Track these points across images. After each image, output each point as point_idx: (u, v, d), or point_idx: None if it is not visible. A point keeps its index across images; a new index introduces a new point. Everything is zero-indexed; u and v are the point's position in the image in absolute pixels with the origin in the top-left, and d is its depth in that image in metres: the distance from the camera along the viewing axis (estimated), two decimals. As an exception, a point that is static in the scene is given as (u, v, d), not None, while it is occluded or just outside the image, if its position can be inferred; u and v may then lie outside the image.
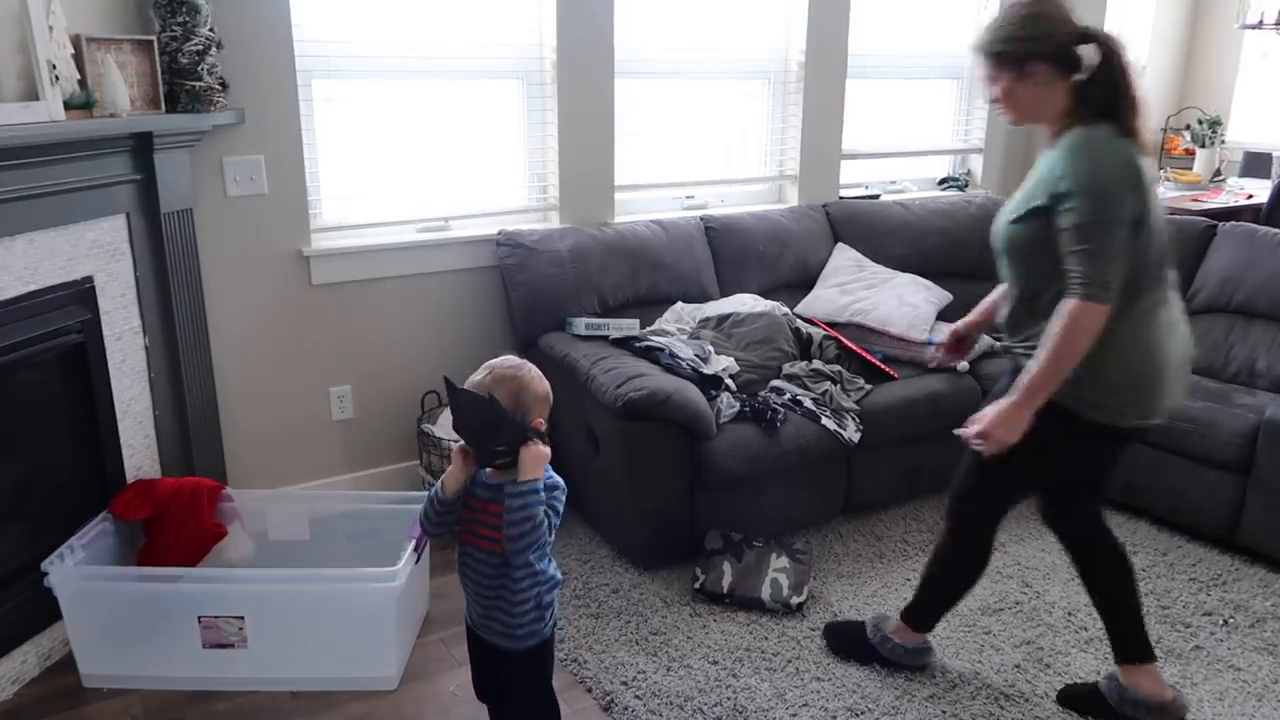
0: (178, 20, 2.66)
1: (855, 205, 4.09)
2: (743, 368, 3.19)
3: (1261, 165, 6.12)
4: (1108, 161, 1.91)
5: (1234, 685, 2.46)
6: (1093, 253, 1.88)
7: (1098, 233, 1.88)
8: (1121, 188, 1.90)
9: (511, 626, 1.83)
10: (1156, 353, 2.01)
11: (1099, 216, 1.88)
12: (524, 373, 1.80)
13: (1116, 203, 1.89)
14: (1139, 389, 2.01)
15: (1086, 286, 1.89)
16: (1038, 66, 1.97)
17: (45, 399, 2.56)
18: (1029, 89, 2.00)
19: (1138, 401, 2.03)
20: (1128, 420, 2.04)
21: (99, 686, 2.44)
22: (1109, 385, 1.99)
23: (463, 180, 3.45)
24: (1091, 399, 2.00)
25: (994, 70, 2.03)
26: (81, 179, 2.48)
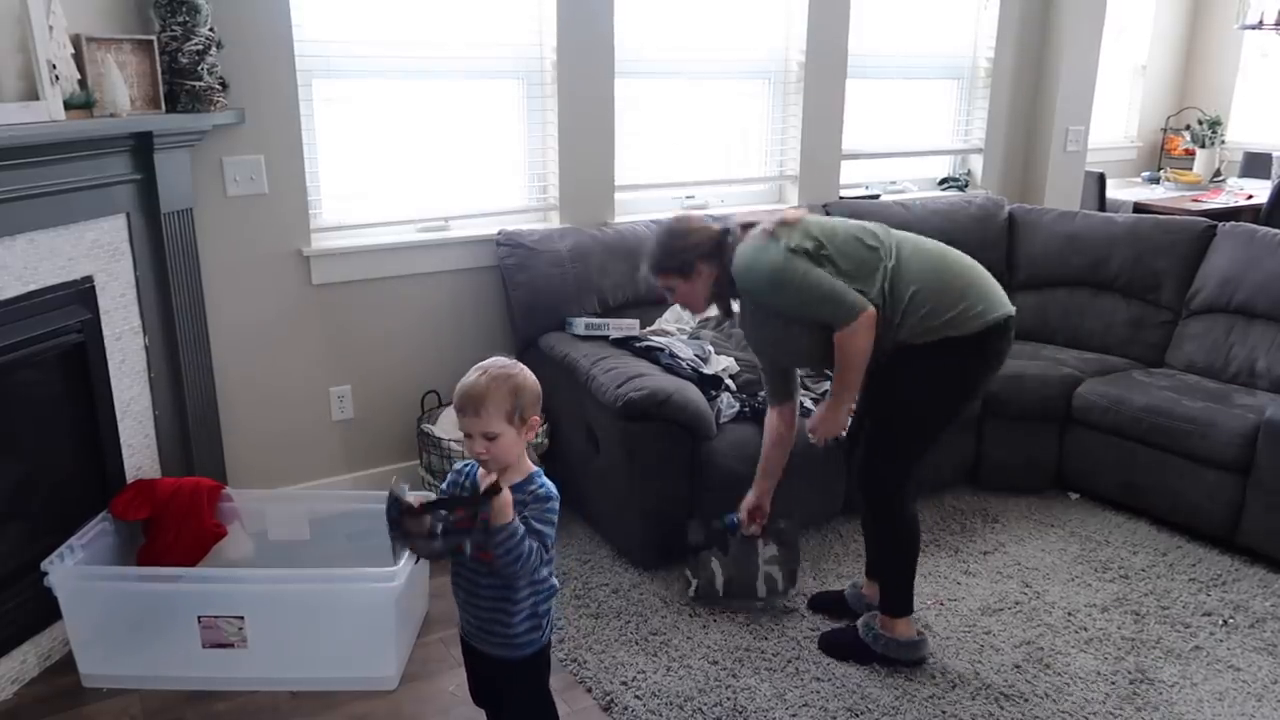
0: (178, 20, 2.66)
1: (855, 205, 4.09)
2: (743, 368, 3.19)
3: (1261, 165, 6.13)
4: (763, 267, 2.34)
5: (1234, 685, 2.46)
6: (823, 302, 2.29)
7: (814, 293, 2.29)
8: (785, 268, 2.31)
9: (508, 637, 1.82)
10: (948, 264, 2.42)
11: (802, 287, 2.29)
12: (518, 372, 1.79)
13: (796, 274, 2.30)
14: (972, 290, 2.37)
15: (838, 318, 2.29)
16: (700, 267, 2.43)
17: (45, 399, 2.56)
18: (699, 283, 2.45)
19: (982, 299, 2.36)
20: (998, 310, 2.37)
21: (99, 686, 2.44)
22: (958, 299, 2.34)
23: (463, 180, 3.45)
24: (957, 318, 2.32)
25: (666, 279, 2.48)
26: (81, 179, 2.48)
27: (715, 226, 2.47)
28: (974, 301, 2.35)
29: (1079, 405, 3.39)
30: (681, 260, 2.43)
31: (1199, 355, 3.56)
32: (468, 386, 1.76)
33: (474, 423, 1.74)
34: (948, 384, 2.40)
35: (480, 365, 1.80)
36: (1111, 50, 5.44)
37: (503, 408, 1.74)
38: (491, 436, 1.74)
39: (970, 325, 2.32)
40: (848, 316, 2.28)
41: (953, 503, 3.43)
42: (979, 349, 2.36)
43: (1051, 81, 4.60)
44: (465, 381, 1.78)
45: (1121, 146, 6.49)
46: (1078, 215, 4.03)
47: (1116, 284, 3.82)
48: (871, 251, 2.37)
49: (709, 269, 2.42)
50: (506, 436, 1.75)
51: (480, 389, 1.74)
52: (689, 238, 2.45)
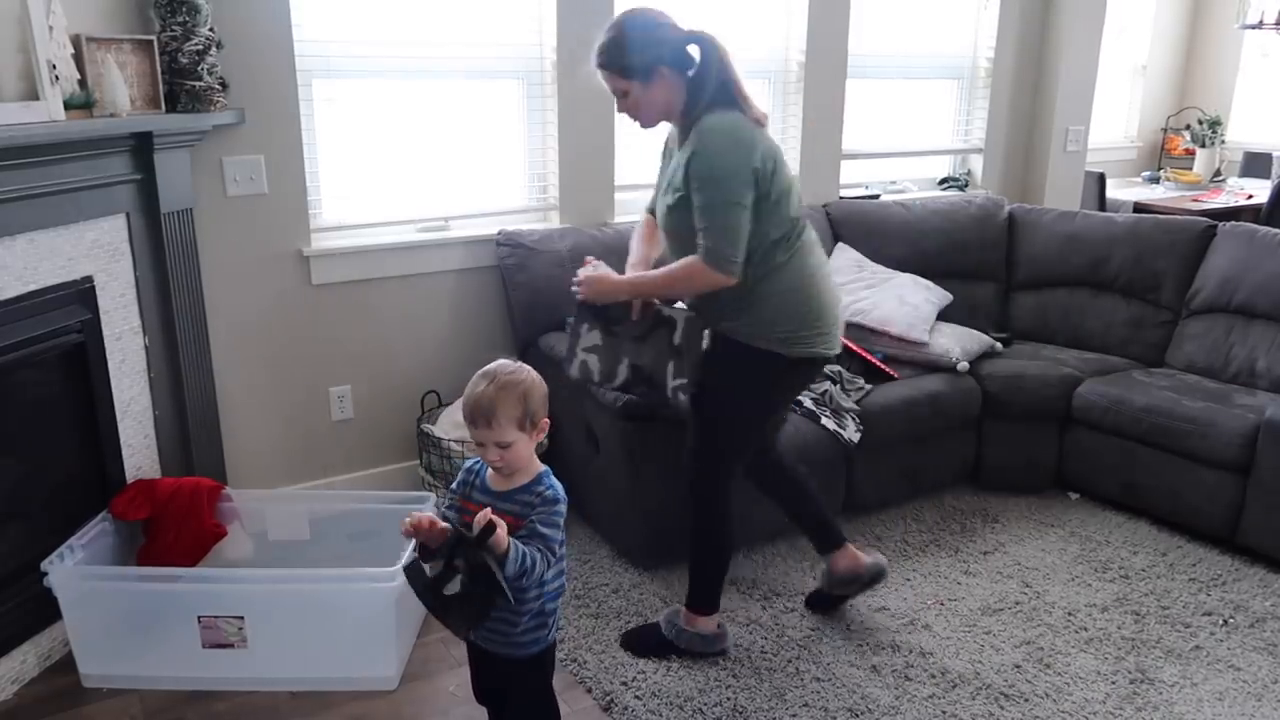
0: (178, 20, 2.66)
1: (855, 205, 4.09)
2: (743, 368, 3.19)
3: (1261, 165, 6.13)
4: (729, 148, 2.19)
5: (1234, 685, 2.46)
6: (717, 231, 2.18)
7: (722, 213, 2.18)
8: (741, 171, 2.18)
9: (513, 635, 1.82)
10: (820, 291, 2.36)
11: (722, 199, 2.17)
12: (525, 376, 1.78)
13: (739, 185, 2.18)
14: (820, 321, 2.35)
15: (712, 257, 2.20)
16: (661, 70, 2.23)
17: (45, 399, 2.56)
18: (658, 92, 2.25)
19: (822, 332, 2.36)
20: (825, 348, 2.37)
21: (99, 686, 2.44)
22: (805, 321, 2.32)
23: (463, 180, 3.45)
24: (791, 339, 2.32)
25: (623, 82, 2.25)
26: (81, 179, 2.48)
27: (683, 29, 2.28)
28: (815, 331, 2.34)
29: (1079, 405, 3.39)
30: (644, 60, 2.22)
31: (1199, 355, 3.56)
32: (476, 398, 1.74)
33: (487, 434, 1.74)
34: (757, 390, 2.39)
35: (485, 373, 1.78)
36: (1111, 50, 5.44)
37: (514, 415, 1.73)
38: (505, 445, 1.74)
39: (795, 349, 2.32)
40: (718, 260, 2.20)
41: (953, 503, 3.43)
42: (789, 370, 2.37)
43: (1051, 81, 4.60)
44: (473, 392, 1.75)
45: (1121, 146, 6.49)
46: (1078, 215, 4.03)
47: (1116, 284, 3.82)
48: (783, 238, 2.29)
49: (673, 79, 2.25)
50: (520, 443, 1.75)
51: (490, 400, 1.73)
52: (655, 34, 2.25)
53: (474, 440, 1.78)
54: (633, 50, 2.21)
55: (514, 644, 1.83)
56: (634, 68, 2.22)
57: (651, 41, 2.22)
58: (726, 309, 2.31)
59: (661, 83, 2.24)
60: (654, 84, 2.24)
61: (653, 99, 2.26)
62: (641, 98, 2.26)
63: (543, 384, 1.81)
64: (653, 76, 2.23)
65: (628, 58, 2.22)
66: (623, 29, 2.24)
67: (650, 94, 2.25)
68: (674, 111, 2.30)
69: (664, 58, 2.22)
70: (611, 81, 2.27)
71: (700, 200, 2.20)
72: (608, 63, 2.25)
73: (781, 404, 2.60)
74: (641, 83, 2.23)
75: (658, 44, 2.23)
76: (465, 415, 1.77)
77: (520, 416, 1.74)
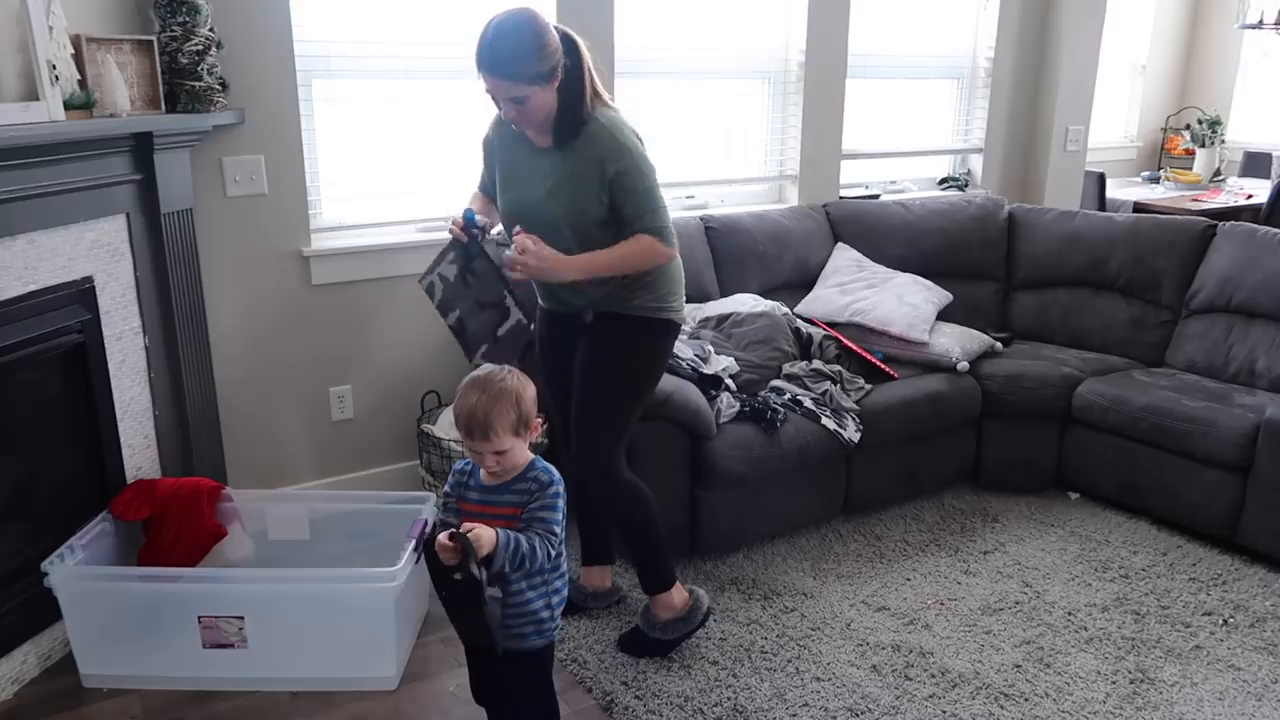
0: (178, 20, 2.67)
1: (855, 205, 4.09)
2: (743, 368, 3.19)
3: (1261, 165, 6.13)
4: (633, 137, 2.29)
5: (1234, 685, 2.46)
6: (660, 211, 2.31)
7: (654, 195, 2.30)
8: (648, 155, 2.31)
9: (519, 626, 1.83)
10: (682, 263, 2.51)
11: (653, 182, 2.30)
12: (514, 381, 1.80)
13: (653, 170, 2.31)
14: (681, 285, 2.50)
15: (665, 236, 2.32)
16: (559, 71, 2.22)
17: (45, 399, 2.56)
18: (552, 92, 2.24)
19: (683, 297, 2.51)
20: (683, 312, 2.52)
21: (99, 686, 2.44)
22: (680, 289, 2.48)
23: (463, 180, 3.44)
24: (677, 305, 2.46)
25: (525, 88, 2.18)
26: (81, 179, 2.48)
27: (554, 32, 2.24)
28: (680, 296, 2.49)
29: (1079, 405, 3.39)
30: (549, 65, 2.18)
31: (1199, 355, 3.56)
32: (470, 410, 1.75)
33: (485, 445, 1.76)
34: (655, 358, 2.48)
35: (475, 382, 1.79)
36: (1111, 50, 5.44)
37: (509, 423, 1.75)
38: (502, 452, 1.76)
39: (680, 314, 2.48)
40: (670, 237, 2.33)
41: (953, 503, 3.43)
42: (676, 334, 2.52)
43: (1051, 81, 4.60)
44: (465, 404, 1.77)
45: (1121, 146, 6.49)
46: (1078, 215, 4.03)
47: (1116, 284, 3.82)
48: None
49: (561, 78, 2.24)
50: (516, 448, 1.78)
51: (485, 411, 1.74)
52: (552, 38, 2.20)
53: (471, 451, 1.80)
54: (539, 54, 2.16)
55: (519, 637, 1.84)
56: (538, 73, 2.17)
57: (552, 44, 2.19)
58: (636, 284, 2.37)
59: (555, 84, 2.23)
60: (550, 86, 2.22)
61: (546, 102, 2.24)
62: (538, 102, 2.22)
63: (530, 385, 1.83)
64: (553, 79, 2.21)
65: (533, 63, 2.16)
66: (521, 32, 2.17)
67: (546, 97, 2.22)
68: (552, 110, 2.27)
69: (560, 59, 2.21)
70: (510, 89, 2.19)
71: (636, 187, 2.27)
72: (508, 71, 2.17)
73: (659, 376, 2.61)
74: (542, 87, 2.20)
75: (556, 46, 2.21)
76: (460, 427, 1.78)
77: (515, 422, 1.76)
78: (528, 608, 1.83)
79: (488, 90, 2.22)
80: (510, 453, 1.77)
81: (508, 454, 1.77)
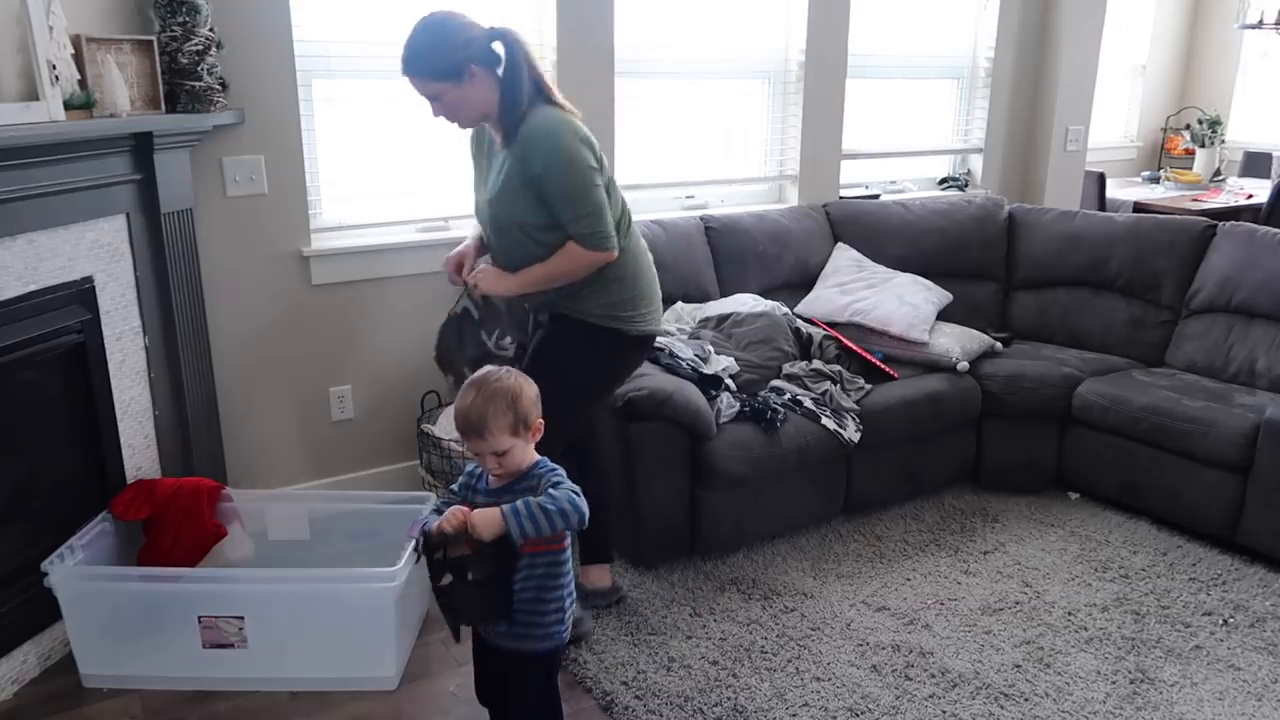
0: (178, 20, 2.67)
1: (855, 205, 4.09)
2: (743, 368, 3.19)
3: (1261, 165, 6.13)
4: (569, 136, 2.23)
5: (1234, 685, 2.46)
6: (586, 213, 2.24)
7: (583, 196, 2.23)
8: (586, 156, 2.24)
9: (534, 627, 1.84)
10: (651, 271, 2.48)
11: (582, 183, 2.23)
12: (512, 381, 1.79)
13: (589, 170, 2.24)
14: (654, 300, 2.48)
15: (590, 240, 2.26)
16: (472, 69, 2.22)
17: (45, 399, 2.56)
18: (473, 90, 2.24)
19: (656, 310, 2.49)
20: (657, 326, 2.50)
21: (99, 686, 2.44)
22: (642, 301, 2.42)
23: (463, 180, 3.44)
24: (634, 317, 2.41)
25: (434, 85, 2.23)
26: (81, 179, 2.48)
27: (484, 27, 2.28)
28: (652, 309, 2.46)
29: (1079, 405, 3.39)
30: (453, 61, 2.22)
31: (1199, 355, 3.56)
32: (465, 410, 1.75)
33: (481, 445, 1.76)
34: (600, 367, 2.46)
35: (472, 382, 1.79)
36: (1111, 50, 5.44)
37: (505, 423, 1.74)
38: (501, 453, 1.75)
39: (636, 326, 2.42)
40: (596, 240, 2.27)
41: (953, 503, 3.43)
42: (636, 347, 2.48)
43: (1051, 81, 4.60)
44: (461, 405, 1.76)
45: (1121, 146, 6.49)
46: (1078, 215, 4.03)
47: (1116, 284, 3.82)
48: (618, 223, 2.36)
49: (486, 77, 2.26)
50: (515, 448, 1.77)
51: (479, 411, 1.74)
52: (461, 34, 2.24)
53: (469, 451, 1.79)
54: (440, 51, 2.20)
55: (531, 638, 1.84)
56: (443, 69, 2.21)
57: (458, 41, 2.21)
58: (580, 291, 2.36)
59: (474, 81, 2.23)
60: (466, 83, 2.23)
61: (468, 99, 2.25)
62: (457, 99, 2.25)
63: (531, 386, 1.82)
64: (464, 76, 2.22)
65: (435, 60, 2.21)
66: (425, 31, 2.23)
67: (465, 93, 2.24)
68: (492, 111, 2.29)
69: (473, 56, 2.22)
70: (422, 87, 2.26)
71: (559, 190, 2.23)
72: (416, 69, 2.24)
73: (619, 382, 2.64)
74: (454, 84, 2.22)
75: (465, 43, 2.21)
76: (458, 428, 1.78)
77: (512, 422, 1.75)
78: (538, 609, 1.83)
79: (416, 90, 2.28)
80: (510, 454, 1.77)
81: (508, 455, 1.76)
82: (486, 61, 2.25)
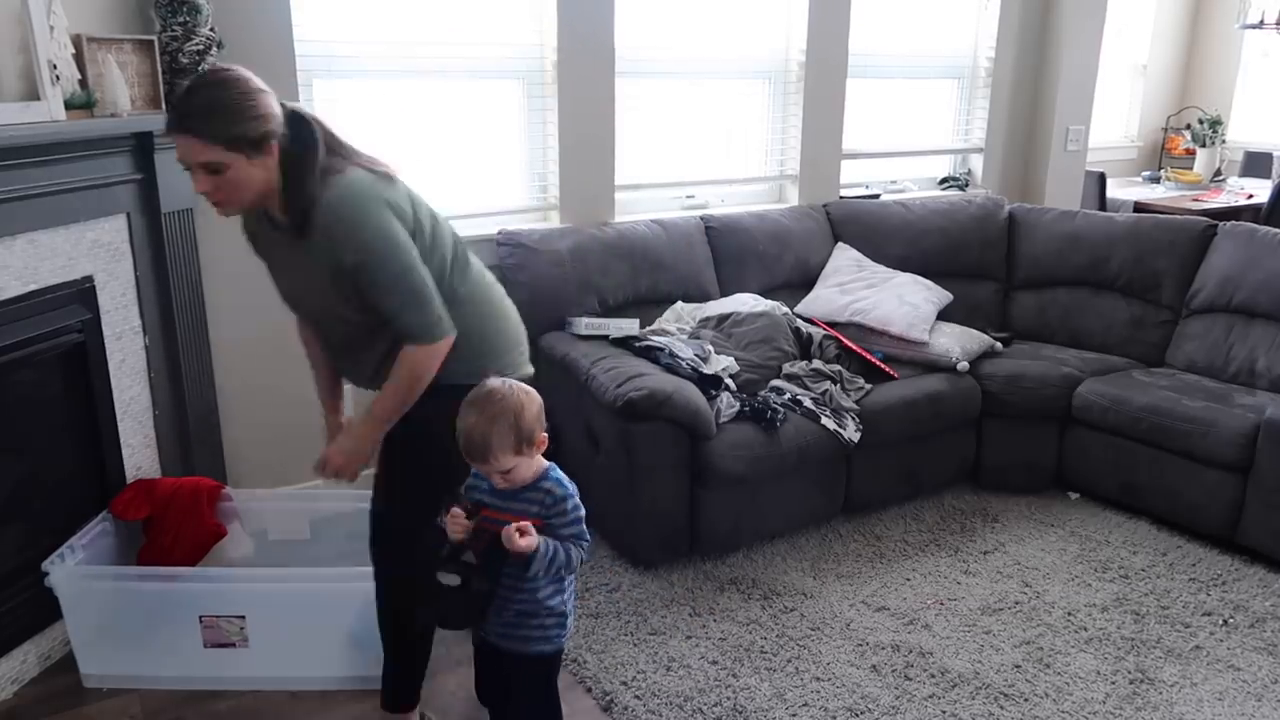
0: (178, 20, 2.67)
1: (855, 205, 4.09)
2: (743, 367, 3.19)
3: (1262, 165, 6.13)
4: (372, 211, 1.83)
5: (1234, 685, 2.46)
6: (412, 301, 1.87)
7: (404, 283, 1.85)
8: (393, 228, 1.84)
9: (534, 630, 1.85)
10: (507, 305, 2.13)
11: (397, 268, 1.84)
12: (514, 399, 1.77)
13: (400, 247, 1.84)
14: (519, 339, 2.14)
15: (421, 334, 1.88)
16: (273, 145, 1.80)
17: (45, 399, 2.56)
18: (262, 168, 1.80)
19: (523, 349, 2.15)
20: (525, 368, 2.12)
21: (99, 686, 2.44)
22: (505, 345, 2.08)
23: (463, 180, 3.45)
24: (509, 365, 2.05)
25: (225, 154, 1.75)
26: (82, 179, 2.48)
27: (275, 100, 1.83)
28: (518, 351, 2.13)
29: (1079, 405, 3.39)
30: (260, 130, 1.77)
31: (1199, 355, 3.56)
32: (468, 434, 1.75)
33: (486, 467, 1.77)
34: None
35: (472, 402, 1.78)
36: (1112, 50, 5.43)
37: (509, 444, 1.74)
38: (507, 470, 1.76)
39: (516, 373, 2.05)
40: (431, 333, 1.89)
41: (953, 503, 3.42)
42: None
43: (1051, 81, 4.60)
44: (464, 427, 1.76)
45: (1122, 146, 6.49)
46: (1078, 215, 4.03)
47: (1117, 283, 3.82)
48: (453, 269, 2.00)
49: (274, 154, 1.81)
50: (520, 464, 1.78)
51: (483, 436, 1.73)
52: (262, 99, 1.79)
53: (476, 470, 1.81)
54: (243, 115, 1.75)
55: (531, 640, 1.85)
56: (243, 137, 1.75)
57: (263, 109, 1.78)
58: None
59: (268, 159, 1.80)
60: (259, 160, 1.79)
61: (253, 177, 1.80)
62: (244, 177, 1.79)
63: (534, 400, 1.81)
64: (263, 150, 1.78)
65: (236, 123, 1.74)
66: (226, 87, 1.77)
67: (253, 170, 1.79)
68: (273, 193, 1.86)
69: (274, 130, 1.80)
70: (204, 151, 1.75)
71: (378, 282, 1.85)
72: (203, 129, 1.74)
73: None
74: (248, 157, 1.77)
75: (270, 114, 1.79)
76: (461, 449, 1.77)
77: (515, 442, 1.75)
78: (540, 612, 1.83)
79: (179, 157, 1.79)
80: (516, 469, 1.78)
81: (514, 470, 1.78)
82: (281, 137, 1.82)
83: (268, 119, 1.78)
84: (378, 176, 1.88)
